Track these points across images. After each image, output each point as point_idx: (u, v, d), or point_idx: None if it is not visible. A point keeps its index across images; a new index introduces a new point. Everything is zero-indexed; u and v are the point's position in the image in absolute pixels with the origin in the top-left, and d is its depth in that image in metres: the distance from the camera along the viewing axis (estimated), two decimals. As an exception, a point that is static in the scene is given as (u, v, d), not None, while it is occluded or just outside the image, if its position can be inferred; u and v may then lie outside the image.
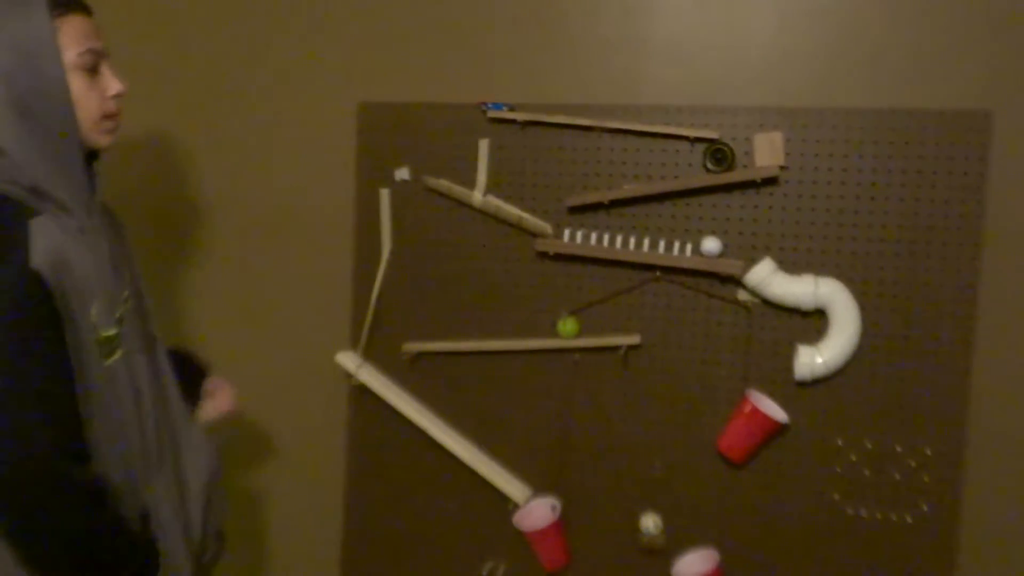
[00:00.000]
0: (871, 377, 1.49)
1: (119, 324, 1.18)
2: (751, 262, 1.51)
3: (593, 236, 1.58)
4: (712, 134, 1.51)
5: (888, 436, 1.49)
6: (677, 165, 1.55)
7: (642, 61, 1.59)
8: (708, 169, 1.52)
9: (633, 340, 1.58)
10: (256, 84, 1.80)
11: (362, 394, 1.74)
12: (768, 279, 1.48)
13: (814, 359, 1.47)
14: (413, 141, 1.68)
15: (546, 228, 1.61)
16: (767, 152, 1.49)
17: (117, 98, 1.18)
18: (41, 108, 1.08)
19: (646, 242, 1.55)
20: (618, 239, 1.56)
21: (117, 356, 1.16)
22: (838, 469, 1.52)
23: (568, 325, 1.60)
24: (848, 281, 1.48)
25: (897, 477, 1.49)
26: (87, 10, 1.15)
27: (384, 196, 1.70)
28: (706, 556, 1.57)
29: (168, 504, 1.25)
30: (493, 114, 1.62)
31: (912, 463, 1.48)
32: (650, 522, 1.60)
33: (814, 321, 1.50)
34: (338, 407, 1.80)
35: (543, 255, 1.63)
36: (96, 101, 1.15)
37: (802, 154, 1.49)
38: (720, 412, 1.56)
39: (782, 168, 1.49)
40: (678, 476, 1.60)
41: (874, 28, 1.48)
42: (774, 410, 1.51)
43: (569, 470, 1.65)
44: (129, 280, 1.28)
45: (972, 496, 1.48)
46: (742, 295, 1.53)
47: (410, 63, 1.71)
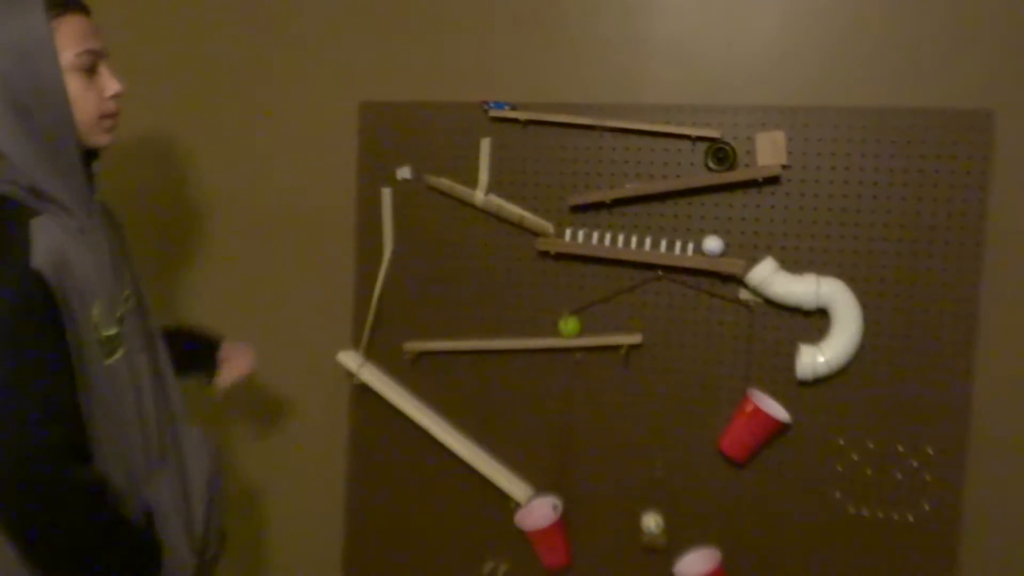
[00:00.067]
0: (873, 376, 1.49)
1: (120, 323, 1.18)
2: (753, 261, 1.51)
3: (595, 235, 1.58)
4: (714, 133, 1.51)
5: (890, 435, 1.49)
6: (679, 164, 1.55)
7: (644, 60, 1.59)
8: (710, 168, 1.52)
9: (635, 339, 1.58)
10: (257, 84, 1.80)
11: (363, 393, 1.74)
12: (770, 278, 1.48)
13: (816, 358, 1.47)
14: (415, 140, 1.68)
15: (548, 227, 1.61)
16: (769, 151, 1.49)
17: (116, 98, 1.17)
18: (38, 109, 1.08)
19: (648, 241, 1.55)
20: (620, 238, 1.56)
21: (118, 355, 1.17)
22: (840, 468, 1.52)
23: (570, 324, 1.60)
24: (850, 280, 1.48)
25: (899, 476, 1.49)
26: (85, 10, 1.14)
27: (386, 195, 1.70)
28: (707, 555, 1.57)
29: (170, 501, 1.25)
30: (495, 113, 1.62)
31: (914, 462, 1.49)
32: (651, 521, 1.60)
33: (816, 320, 1.50)
34: (339, 406, 1.80)
35: (545, 254, 1.63)
36: (94, 101, 1.14)
37: (804, 153, 1.49)
38: (722, 411, 1.56)
39: (784, 167, 1.49)
40: (680, 475, 1.60)
41: (876, 27, 1.48)
42: (776, 409, 1.51)
43: (570, 469, 1.65)
44: (129, 279, 1.28)
45: (973, 495, 1.48)
46: (744, 294, 1.53)
47: (412, 62, 1.71)
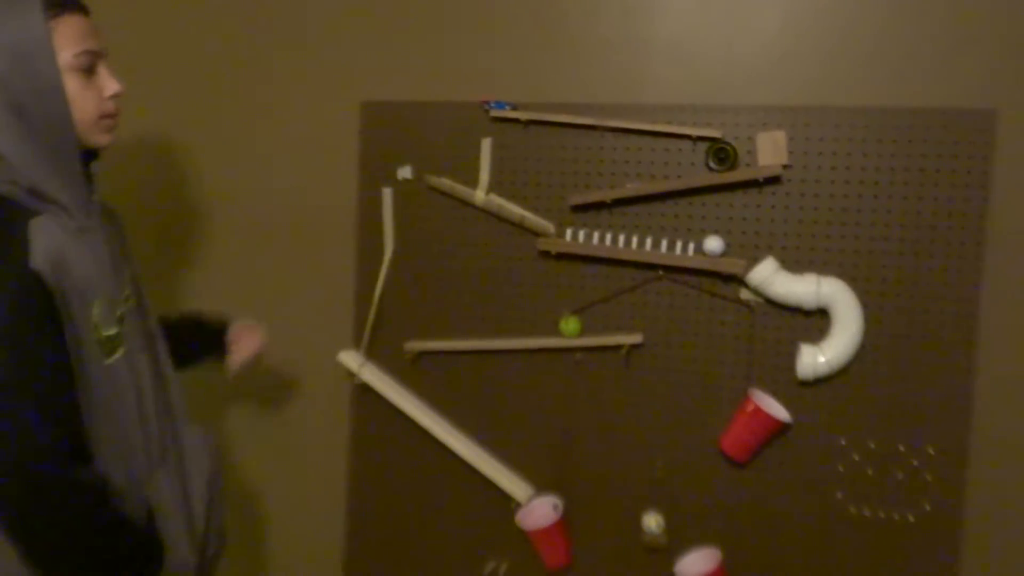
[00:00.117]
0: (874, 376, 1.49)
1: (120, 323, 1.18)
2: (754, 261, 1.51)
3: (595, 235, 1.58)
4: (715, 133, 1.51)
5: (891, 435, 1.49)
6: (680, 164, 1.55)
7: (644, 60, 1.59)
8: (711, 168, 1.52)
9: (635, 339, 1.58)
10: (258, 83, 1.80)
11: (364, 393, 1.74)
12: (771, 278, 1.48)
13: (817, 358, 1.47)
14: (415, 140, 1.68)
15: (548, 227, 1.61)
16: (770, 151, 1.49)
17: (115, 98, 1.17)
18: (37, 109, 1.08)
19: (648, 241, 1.55)
20: (620, 238, 1.56)
21: (118, 355, 1.17)
22: (841, 468, 1.52)
23: (570, 324, 1.60)
24: (851, 280, 1.48)
25: (900, 476, 1.49)
26: (84, 10, 1.14)
27: (386, 195, 1.70)
28: (708, 555, 1.57)
29: (171, 500, 1.25)
30: (496, 113, 1.62)
31: (915, 462, 1.48)
32: (652, 521, 1.60)
33: (817, 320, 1.50)
34: (340, 406, 1.80)
35: (545, 254, 1.63)
36: (93, 101, 1.14)
37: (805, 153, 1.49)
38: (723, 411, 1.56)
39: (785, 167, 1.49)
40: (680, 475, 1.60)
41: (877, 26, 1.48)
42: (777, 409, 1.51)
43: (571, 469, 1.65)
44: (129, 279, 1.28)
45: (975, 495, 1.48)
46: (745, 294, 1.53)
47: (413, 62, 1.71)
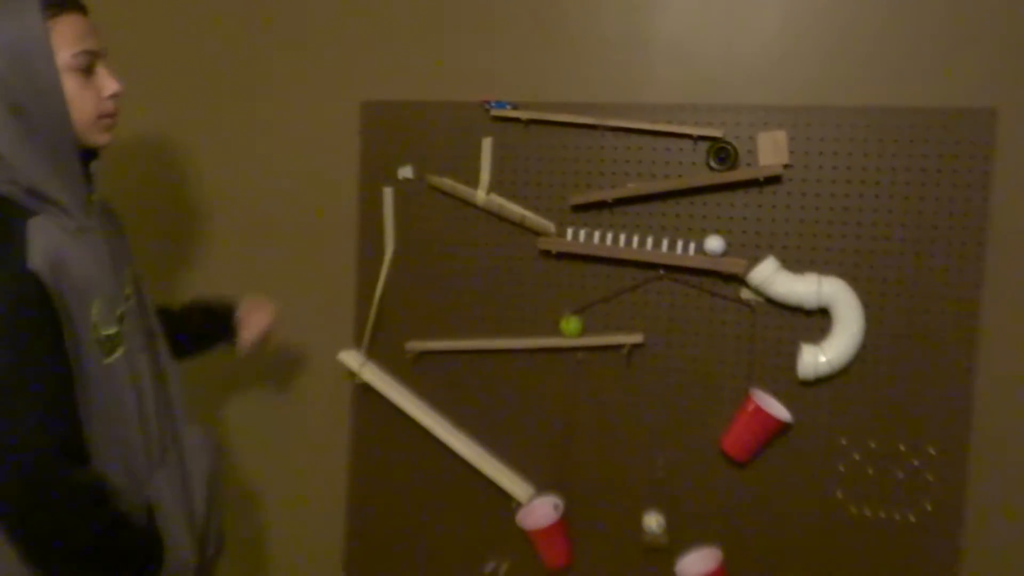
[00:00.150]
0: (875, 376, 1.49)
1: (120, 322, 1.18)
2: (754, 261, 1.51)
3: (596, 235, 1.58)
4: (716, 133, 1.51)
5: (892, 435, 1.49)
6: (680, 164, 1.55)
7: (645, 60, 1.59)
8: (711, 168, 1.52)
9: (636, 339, 1.58)
10: (259, 83, 1.80)
11: (365, 393, 1.74)
12: (771, 278, 1.48)
13: (817, 358, 1.46)
14: (416, 140, 1.68)
15: (549, 227, 1.61)
16: (770, 151, 1.49)
17: (114, 98, 1.17)
18: (35, 109, 1.08)
19: (649, 241, 1.55)
20: (621, 238, 1.56)
21: (118, 354, 1.17)
22: (841, 468, 1.51)
23: (571, 324, 1.60)
24: (852, 280, 1.47)
25: (900, 476, 1.49)
26: (82, 9, 1.14)
27: (387, 195, 1.70)
28: (709, 555, 1.57)
29: (172, 499, 1.25)
30: (496, 112, 1.62)
31: (916, 462, 1.48)
32: (653, 521, 1.60)
33: (817, 320, 1.50)
34: (341, 406, 1.80)
35: (546, 254, 1.63)
36: (92, 101, 1.14)
37: (806, 152, 1.49)
38: (723, 411, 1.56)
39: (786, 167, 1.49)
40: (681, 475, 1.60)
41: (878, 26, 1.48)
42: (777, 409, 1.51)
43: (572, 469, 1.65)
44: (130, 278, 1.28)
45: (975, 495, 1.48)
46: (745, 294, 1.53)
47: (413, 62, 1.71)
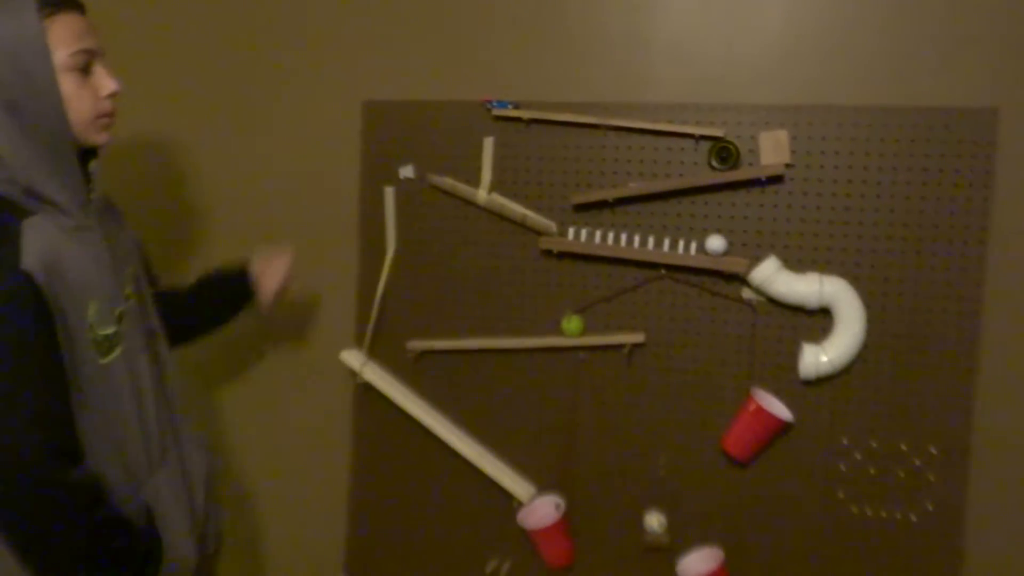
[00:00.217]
0: (876, 376, 1.49)
1: (119, 322, 1.18)
2: (756, 260, 1.51)
3: (598, 234, 1.58)
4: (717, 132, 1.51)
5: (893, 435, 1.49)
6: (682, 163, 1.55)
7: (647, 59, 1.59)
8: (713, 167, 1.52)
9: (638, 338, 1.58)
10: (260, 83, 1.80)
11: (366, 392, 1.74)
12: (773, 277, 1.48)
13: (819, 358, 1.46)
14: (418, 139, 1.68)
15: (551, 226, 1.61)
16: (772, 150, 1.49)
17: (111, 98, 1.16)
18: (32, 109, 1.07)
19: (651, 240, 1.55)
20: (623, 237, 1.56)
21: (116, 354, 1.16)
22: (843, 468, 1.51)
23: (573, 323, 1.60)
24: (853, 279, 1.47)
25: (902, 476, 1.49)
26: (80, 8, 1.13)
27: (389, 194, 1.70)
28: (710, 555, 1.57)
29: (172, 498, 1.25)
30: (498, 112, 1.62)
31: (917, 462, 1.48)
32: (654, 520, 1.60)
33: (819, 319, 1.50)
34: (342, 405, 1.80)
35: (548, 253, 1.63)
36: (89, 101, 1.13)
37: (807, 152, 1.49)
38: (725, 410, 1.56)
39: (787, 166, 1.49)
40: (682, 474, 1.60)
41: (879, 25, 1.48)
42: (779, 409, 1.51)
43: (573, 468, 1.65)
44: (132, 277, 1.28)
45: (977, 495, 1.48)
46: (747, 293, 1.53)
47: (415, 61, 1.71)
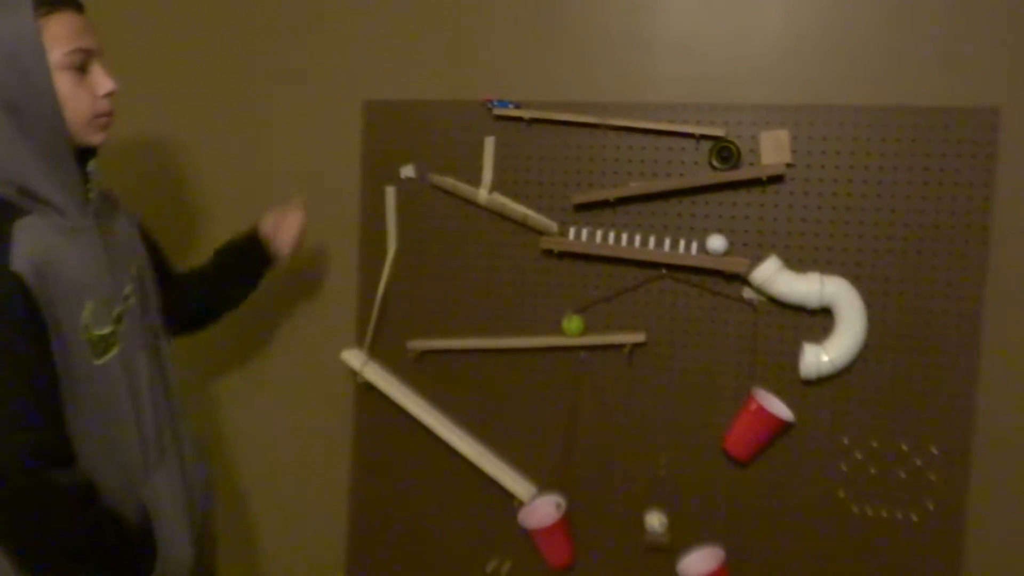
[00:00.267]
0: (877, 376, 1.49)
1: (117, 322, 1.17)
2: (757, 260, 1.51)
3: (599, 234, 1.58)
4: (718, 132, 1.51)
5: (894, 435, 1.49)
6: (683, 163, 1.55)
7: (648, 58, 1.59)
8: (714, 167, 1.52)
9: (638, 338, 1.58)
10: (261, 82, 1.80)
11: (367, 391, 1.74)
12: (774, 277, 1.48)
13: (820, 357, 1.46)
14: (419, 139, 1.68)
15: (551, 226, 1.61)
16: (773, 150, 1.49)
17: (109, 97, 1.15)
18: (28, 108, 1.07)
19: (652, 240, 1.55)
20: (623, 237, 1.56)
21: (112, 354, 1.16)
22: (844, 467, 1.51)
23: (573, 323, 1.60)
24: (854, 279, 1.47)
25: (903, 475, 1.49)
26: (78, 7, 1.12)
27: (389, 194, 1.70)
28: (711, 554, 1.57)
29: (170, 498, 1.25)
30: (499, 111, 1.61)
31: (918, 462, 1.48)
32: (655, 520, 1.60)
33: (820, 319, 1.50)
34: (343, 404, 1.80)
35: (548, 253, 1.63)
36: (86, 100, 1.13)
37: (808, 152, 1.49)
38: (725, 410, 1.56)
39: (788, 166, 1.49)
40: (683, 474, 1.60)
41: (880, 25, 1.48)
42: (780, 408, 1.51)
43: (574, 468, 1.65)
44: (135, 275, 1.27)
45: (978, 495, 1.48)
46: (748, 293, 1.53)
47: (416, 60, 1.71)
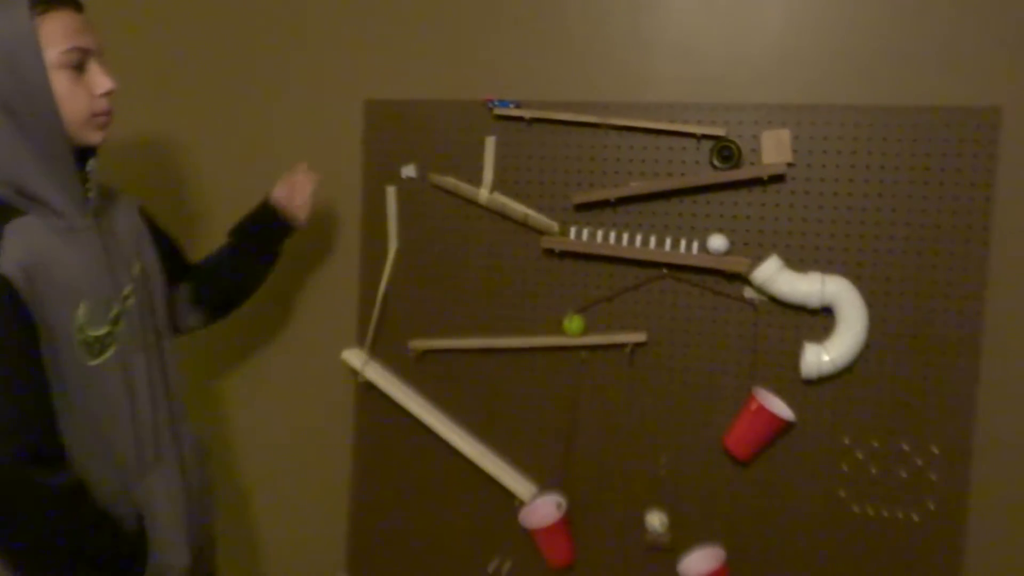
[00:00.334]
0: (878, 375, 1.49)
1: (114, 323, 1.17)
2: (758, 260, 1.51)
3: (599, 234, 1.58)
4: (719, 131, 1.51)
5: (895, 434, 1.49)
6: (684, 162, 1.55)
7: (649, 58, 1.59)
8: (715, 166, 1.52)
9: (639, 338, 1.58)
10: (261, 82, 1.80)
11: (368, 391, 1.74)
12: (775, 277, 1.48)
13: (821, 357, 1.46)
14: (419, 138, 1.68)
15: (552, 226, 1.61)
16: (774, 149, 1.49)
17: (107, 96, 1.15)
18: (24, 108, 1.06)
19: (652, 240, 1.55)
20: (624, 237, 1.56)
21: (108, 355, 1.15)
22: (845, 467, 1.51)
23: (574, 323, 1.60)
24: (855, 279, 1.47)
25: (904, 475, 1.49)
26: (76, 5, 1.12)
27: (390, 193, 1.70)
28: (712, 554, 1.56)
29: (166, 499, 1.24)
30: (499, 111, 1.61)
31: (919, 461, 1.48)
32: (656, 520, 1.60)
33: (821, 319, 1.50)
34: (344, 404, 1.80)
35: (549, 253, 1.63)
36: (84, 99, 1.12)
37: (809, 151, 1.49)
38: (726, 410, 1.56)
39: (789, 165, 1.49)
40: (684, 474, 1.60)
41: (881, 24, 1.47)
42: (780, 408, 1.51)
43: (575, 467, 1.65)
44: (136, 275, 1.26)
45: (979, 494, 1.48)
46: (749, 293, 1.53)
47: (416, 60, 1.71)
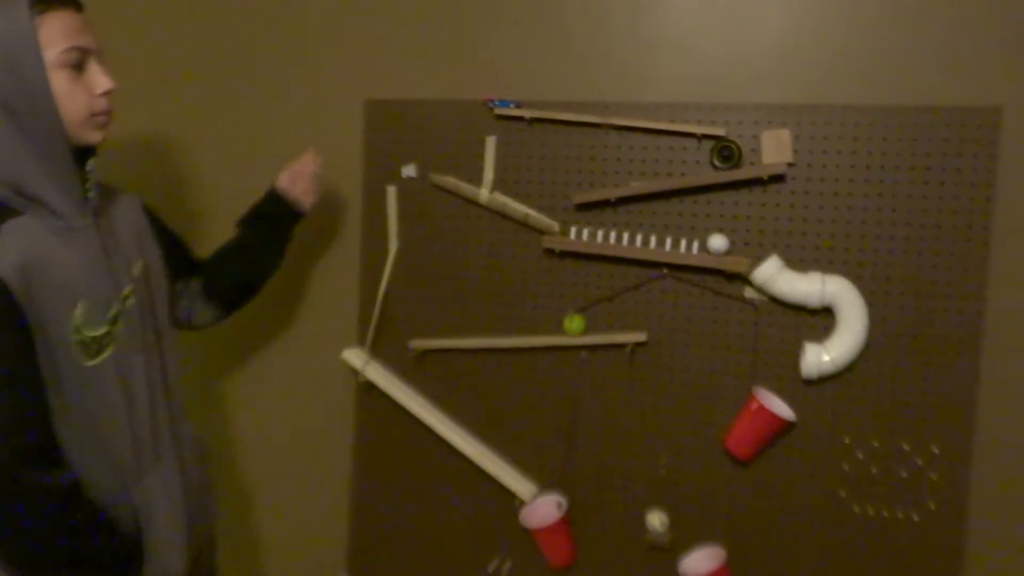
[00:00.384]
0: (878, 375, 1.49)
1: (112, 323, 1.17)
2: (758, 260, 1.51)
3: (600, 234, 1.58)
4: (719, 131, 1.51)
5: (895, 434, 1.49)
6: (684, 162, 1.55)
7: (649, 58, 1.59)
8: (715, 166, 1.52)
9: (640, 338, 1.58)
10: (262, 82, 1.80)
11: (369, 391, 1.75)
12: (775, 277, 1.48)
13: (821, 357, 1.46)
14: (420, 138, 1.68)
15: (553, 225, 1.61)
16: (774, 149, 1.49)
17: (106, 96, 1.15)
18: (23, 107, 1.06)
19: (653, 240, 1.55)
20: (625, 236, 1.56)
21: (105, 355, 1.15)
22: (845, 467, 1.51)
23: (575, 323, 1.60)
24: (855, 279, 1.47)
25: (904, 475, 1.49)
26: (75, 5, 1.11)
27: (391, 193, 1.71)
28: (712, 554, 1.57)
29: (165, 500, 1.24)
30: (500, 111, 1.62)
31: (919, 461, 1.48)
32: (656, 519, 1.60)
33: (821, 319, 1.50)
34: (345, 404, 1.81)
35: (550, 252, 1.63)
36: (83, 99, 1.12)
37: (810, 151, 1.49)
38: (727, 410, 1.56)
39: (789, 165, 1.49)
40: (684, 473, 1.60)
41: (882, 24, 1.47)
42: (781, 408, 1.51)
43: (575, 467, 1.65)
44: (136, 275, 1.26)
45: (979, 494, 1.48)
46: (749, 293, 1.53)
47: (417, 60, 1.71)
